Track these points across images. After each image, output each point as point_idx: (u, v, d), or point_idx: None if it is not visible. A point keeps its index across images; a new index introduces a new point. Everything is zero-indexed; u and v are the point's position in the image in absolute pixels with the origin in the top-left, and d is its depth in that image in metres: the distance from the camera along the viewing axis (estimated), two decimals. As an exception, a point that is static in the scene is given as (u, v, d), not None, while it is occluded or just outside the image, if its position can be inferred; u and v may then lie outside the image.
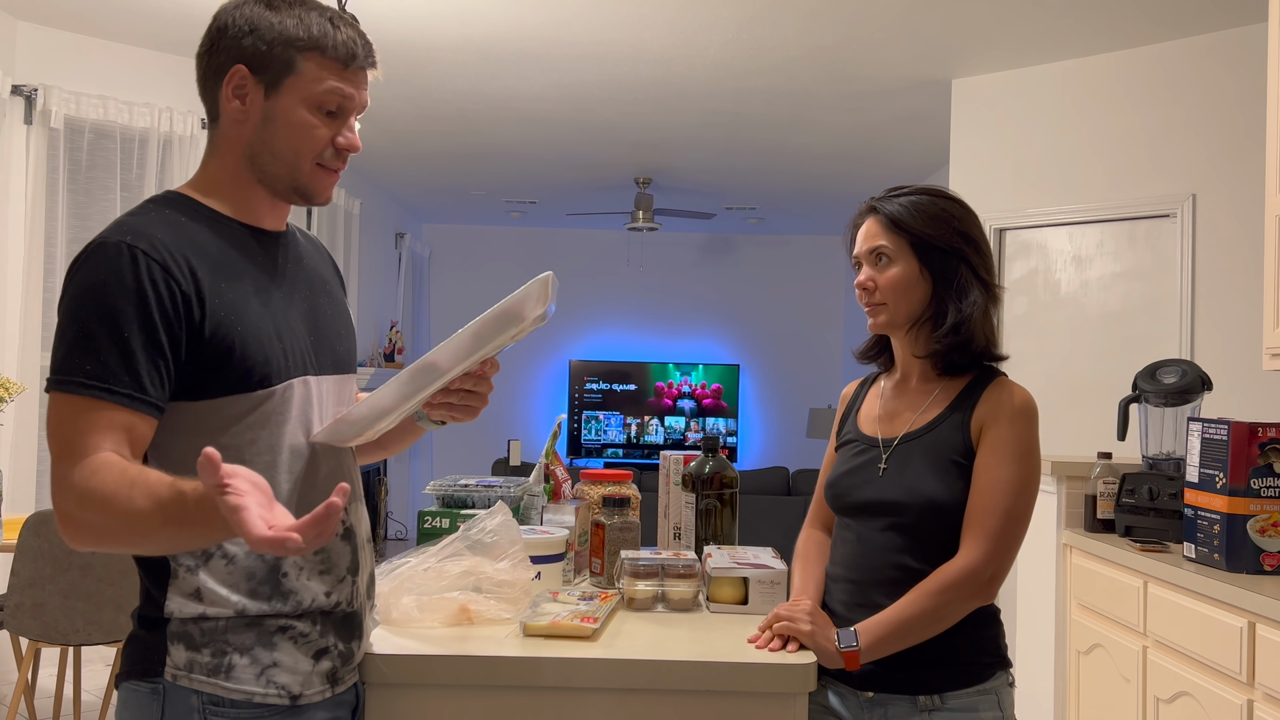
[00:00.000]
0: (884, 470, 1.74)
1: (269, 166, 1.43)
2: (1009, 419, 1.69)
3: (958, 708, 1.66)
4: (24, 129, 4.67)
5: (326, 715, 1.45)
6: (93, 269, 1.32)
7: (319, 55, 1.41)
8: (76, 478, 1.26)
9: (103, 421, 1.28)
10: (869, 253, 1.76)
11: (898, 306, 1.74)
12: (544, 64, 5.21)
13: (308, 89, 1.41)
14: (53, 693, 4.34)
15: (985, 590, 1.65)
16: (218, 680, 1.36)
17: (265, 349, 1.40)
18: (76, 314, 1.31)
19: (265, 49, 1.40)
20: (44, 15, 4.73)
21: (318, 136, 1.42)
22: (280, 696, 1.39)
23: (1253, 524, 2.52)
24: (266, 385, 1.39)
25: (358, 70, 1.44)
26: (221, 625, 1.37)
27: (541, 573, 1.88)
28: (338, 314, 1.59)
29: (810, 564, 1.85)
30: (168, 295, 1.32)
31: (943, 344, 1.73)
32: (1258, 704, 2.34)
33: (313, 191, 1.46)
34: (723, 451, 2.19)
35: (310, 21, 1.41)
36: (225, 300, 1.37)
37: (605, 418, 10.01)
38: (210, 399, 1.37)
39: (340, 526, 1.47)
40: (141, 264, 1.32)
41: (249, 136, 1.43)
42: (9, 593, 3.48)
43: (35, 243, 4.69)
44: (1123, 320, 4.79)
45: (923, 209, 1.74)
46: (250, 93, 1.41)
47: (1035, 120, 5.09)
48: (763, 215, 9.26)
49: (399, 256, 9.03)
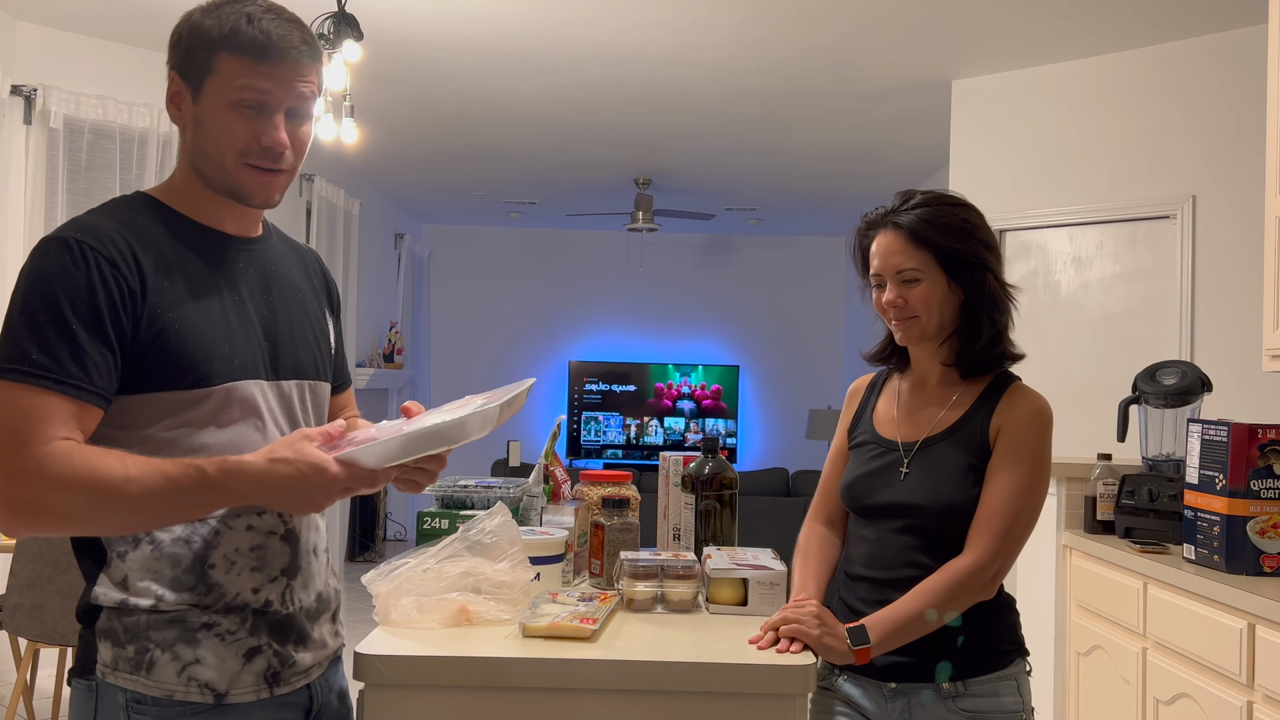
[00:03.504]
0: (905, 474, 1.78)
1: (205, 169, 1.44)
2: (1025, 424, 1.73)
3: (980, 693, 1.72)
4: (23, 129, 4.67)
5: (266, 716, 1.43)
6: (42, 263, 1.34)
7: (230, 53, 1.40)
8: (44, 464, 1.27)
9: (54, 410, 1.29)
10: (894, 270, 1.76)
11: (930, 321, 1.76)
12: (544, 64, 5.21)
13: (223, 88, 1.41)
14: (51, 693, 4.33)
15: (988, 587, 1.71)
16: (139, 677, 1.37)
17: (206, 349, 1.39)
18: (26, 305, 1.32)
19: (189, 54, 1.42)
20: (44, 15, 4.73)
21: (236, 134, 1.41)
22: (203, 694, 1.38)
23: (1252, 525, 2.52)
24: (205, 385, 1.39)
25: (276, 64, 1.41)
26: (144, 622, 1.38)
27: (541, 574, 1.87)
28: (306, 321, 1.57)
29: (811, 561, 1.87)
30: (116, 289, 1.34)
31: (981, 355, 1.77)
32: (1257, 705, 2.34)
33: (244, 192, 1.45)
34: (722, 452, 2.18)
35: (226, 19, 1.40)
36: (169, 298, 1.38)
37: (605, 419, 10.01)
38: (146, 393, 1.37)
39: (282, 528, 1.47)
40: (90, 259, 1.33)
41: (189, 141, 1.45)
42: (8, 593, 3.48)
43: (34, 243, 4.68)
44: (1123, 321, 4.79)
45: (945, 222, 1.75)
46: (184, 98, 1.44)
47: (1035, 121, 5.09)
48: (762, 216, 9.26)
49: (398, 257, 9.03)
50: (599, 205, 8.78)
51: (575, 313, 10.16)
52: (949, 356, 1.80)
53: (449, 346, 10.09)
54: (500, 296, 10.07)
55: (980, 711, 1.72)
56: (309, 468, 1.31)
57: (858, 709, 1.78)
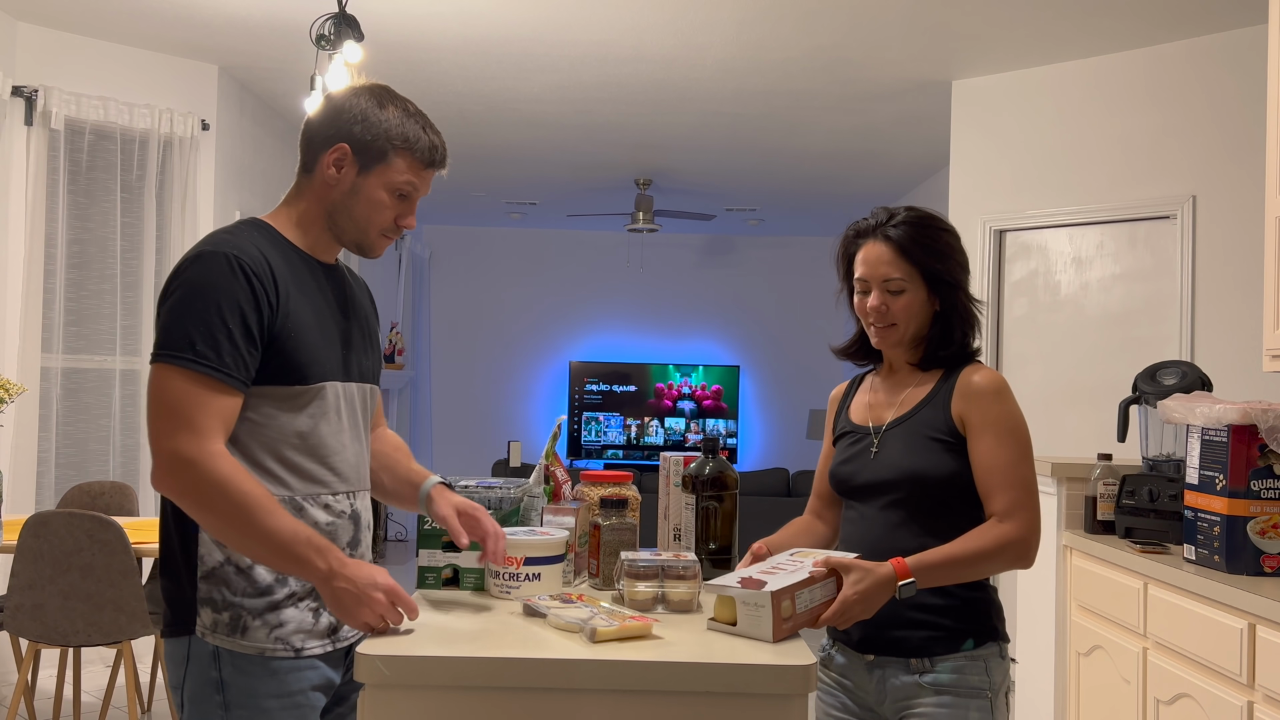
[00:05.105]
0: (875, 454, 1.95)
1: (343, 224, 1.79)
2: (988, 401, 1.88)
3: (945, 670, 1.84)
4: (24, 130, 4.68)
5: (328, 666, 1.74)
6: (202, 270, 1.64)
7: (409, 154, 1.75)
8: (201, 456, 1.58)
9: (214, 402, 1.61)
10: (881, 279, 1.92)
11: (907, 330, 1.94)
12: (544, 64, 5.21)
13: (391, 178, 1.75)
14: (52, 694, 4.34)
15: (1026, 557, 1.83)
16: (235, 639, 1.66)
17: (309, 353, 1.72)
18: (191, 305, 1.62)
19: (369, 139, 1.74)
20: (44, 16, 4.73)
21: (387, 215, 1.78)
22: (286, 650, 1.68)
23: (1253, 525, 2.52)
24: (304, 382, 1.71)
25: (435, 169, 1.80)
26: (238, 588, 1.67)
27: (542, 574, 1.88)
28: (366, 335, 1.91)
29: (788, 527, 2.09)
30: (263, 299, 1.65)
31: (948, 355, 1.95)
32: (1258, 705, 2.34)
33: (371, 250, 1.82)
34: (723, 453, 2.19)
35: (408, 125, 1.76)
36: (290, 310, 1.70)
37: (605, 419, 10.01)
38: (261, 385, 1.68)
39: (349, 508, 1.80)
40: (247, 272, 1.64)
41: (335, 199, 1.77)
42: (9, 594, 3.49)
43: (35, 244, 4.69)
44: (1123, 322, 4.79)
45: (930, 243, 1.92)
46: (347, 167, 1.75)
47: (1035, 121, 5.09)
48: (763, 216, 9.26)
49: (399, 258, 9.03)
50: (599, 205, 8.78)
51: (575, 313, 10.16)
52: (915, 357, 1.98)
53: (449, 347, 10.09)
54: (501, 297, 10.07)
55: (944, 686, 1.83)
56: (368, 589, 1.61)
57: (846, 678, 1.94)
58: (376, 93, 1.78)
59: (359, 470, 1.83)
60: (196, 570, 1.69)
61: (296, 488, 1.72)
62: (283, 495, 1.70)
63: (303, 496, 1.73)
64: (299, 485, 1.72)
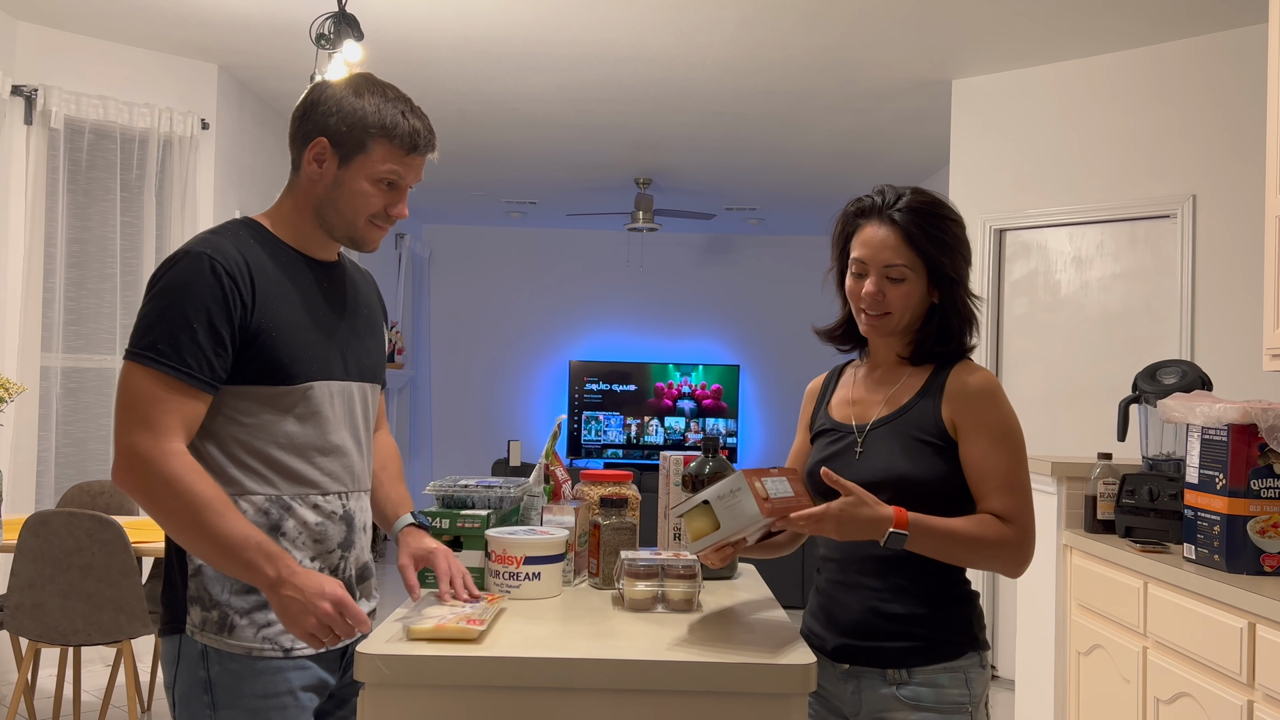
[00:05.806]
0: (860, 454, 1.82)
1: (331, 219, 1.76)
2: (982, 404, 1.78)
3: (923, 683, 1.74)
4: (24, 129, 4.67)
5: (320, 665, 1.73)
6: (175, 271, 1.64)
7: (387, 141, 1.72)
8: (154, 453, 1.58)
9: (172, 401, 1.60)
10: (882, 264, 1.80)
11: (901, 320, 1.82)
12: (544, 64, 5.21)
13: (373, 167, 1.72)
14: (52, 693, 4.34)
15: (1021, 565, 1.76)
16: (222, 638, 1.66)
17: (292, 353, 1.70)
18: (164, 305, 1.63)
19: (345, 129, 1.71)
20: (44, 15, 4.73)
21: (373, 203, 1.75)
22: (274, 650, 1.68)
23: (1253, 525, 2.52)
24: (288, 382, 1.69)
25: (419, 156, 1.76)
26: (226, 588, 1.67)
27: (541, 573, 1.88)
28: (371, 332, 1.90)
29: None
30: (234, 299, 1.64)
31: (943, 351, 1.84)
32: (1258, 705, 2.34)
33: (363, 242, 1.79)
34: (722, 452, 2.19)
35: (386, 111, 1.72)
36: (268, 309, 1.68)
37: (605, 418, 10.01)
38: (242, 385, 1.68)
39: (340, 508, 1.78)
40: (220, 273, 1.64)
41: (320, 193, 1.75)
42: (9, 593, 3.48)
43: (35, 243, 4.69)
44: (1123, 321, 4.79)
45: (940, 232, 1.80)
46: (328, 161, 1.73)
47: (1035, 121, 5.09)
48: (763, 216, 9.26)
49: (399, 257, 9.03)
50: (599, 205, 8.78)
51: (575, 312, 10.16)
52: (905, 350, 1.86)
53: (449, 346, 10.09)
54: (501, 296, 10.07)
55: (922, 700, 1.74)
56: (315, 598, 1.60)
57: (821, 686, 1.80)
58: (354, 82, 1.74)
59: (355, 470, 1.81)
60: (187, 568, 1.69)
61: (284, 488, 1.71)
62: (270, 495, 1.70)
63: (290, 496, 1.72)
64: (286, 485, 1.71)
